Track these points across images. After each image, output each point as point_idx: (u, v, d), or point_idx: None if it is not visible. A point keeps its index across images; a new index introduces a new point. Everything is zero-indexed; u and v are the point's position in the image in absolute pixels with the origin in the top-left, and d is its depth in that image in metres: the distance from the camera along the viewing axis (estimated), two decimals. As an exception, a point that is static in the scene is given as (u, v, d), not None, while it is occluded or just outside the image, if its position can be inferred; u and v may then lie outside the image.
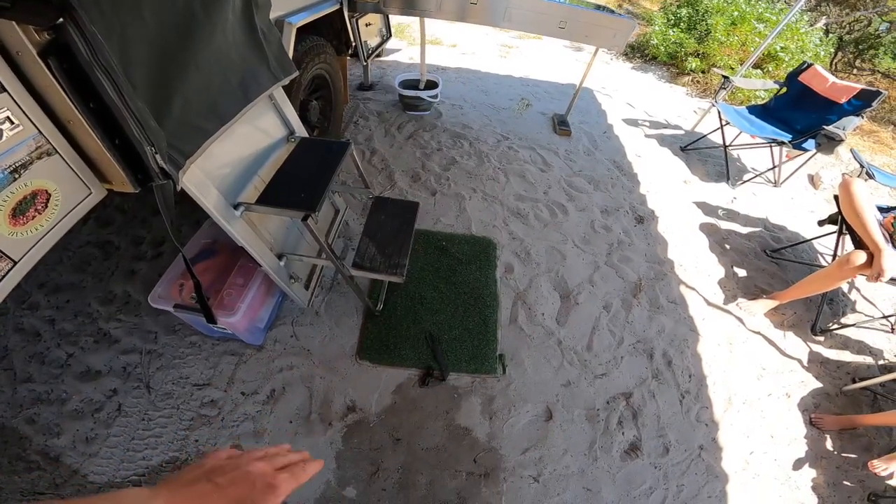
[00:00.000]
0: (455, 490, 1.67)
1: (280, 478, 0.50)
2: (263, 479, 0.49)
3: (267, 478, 0.49)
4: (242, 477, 0.48)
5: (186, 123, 1.25)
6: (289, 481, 0.51)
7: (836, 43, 6.67)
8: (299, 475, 0.53)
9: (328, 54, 2.59)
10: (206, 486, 0.45)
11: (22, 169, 0.99)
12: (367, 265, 1.79)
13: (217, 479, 0.46)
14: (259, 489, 0.47)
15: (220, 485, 0.46)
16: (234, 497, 0.45)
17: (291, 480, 0.51)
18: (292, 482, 0.51)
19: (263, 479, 0.49)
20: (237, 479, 0.47)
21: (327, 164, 1.72)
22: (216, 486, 0.45)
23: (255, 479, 0.48)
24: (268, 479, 0.49)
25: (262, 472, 0.49)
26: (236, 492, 0.46)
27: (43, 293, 2.08)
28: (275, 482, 0.49)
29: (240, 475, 0.48)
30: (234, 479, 0.47)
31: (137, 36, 1.06)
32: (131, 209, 2.53)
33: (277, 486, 0.49)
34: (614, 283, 2.53)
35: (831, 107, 3.26)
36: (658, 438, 1.91)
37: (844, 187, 2.22)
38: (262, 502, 0.47)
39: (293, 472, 0.53)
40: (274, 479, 0.49)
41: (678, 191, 3.41)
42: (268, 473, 0.50)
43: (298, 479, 0.53)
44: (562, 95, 4.58)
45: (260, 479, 0.48)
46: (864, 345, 2.44)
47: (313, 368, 1.93)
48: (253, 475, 0.49)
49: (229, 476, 0.47)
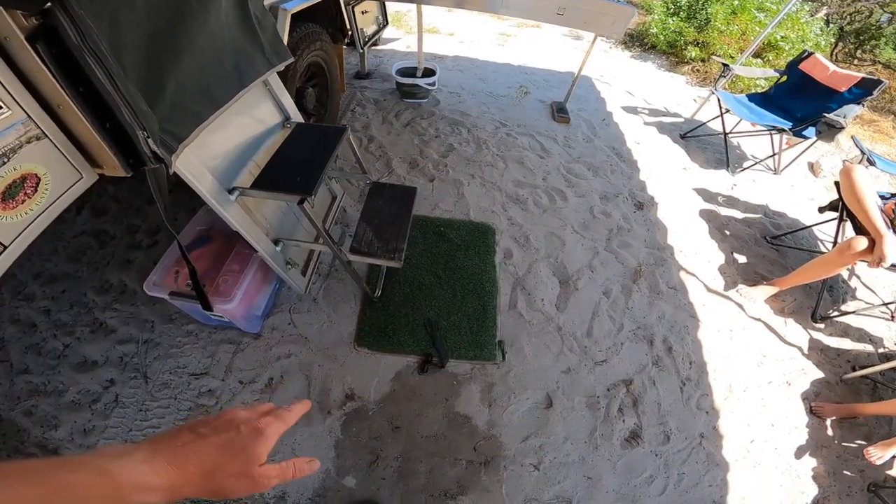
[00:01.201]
0: (455, 478, 1.67)
1: (265, 421, 0.49)
2: (248, 424, 0.48)
3: (251, 422, 0.48)
4: (225, 424, 0.47)
5: (179, 108, 1.23)
6: (275, 424, 0.50)
7: (836, 33, 6.63)
8: (286, 417, 0.52)
9: (324, 42, 2.55)
10: (188, 436, 0.44)
11: (11, 153, 0.97)
12: (365, 250, 1.77)
13: (200, 429, 0.45)
14: (245, 434, 0.46)
15: (203, 434, 0.45)
16: (218, 443, 0.44)
17: (278, 423, 0.50)
18: (279, 424, 0.50)
19: (248, 424, 0.48)
20: (220, 427, 0.46)
21: (324, 149, 1.69)
22: (199, 436, 0.44)
23: (240, 424, 0.47)
24: (253, 424, 0.48)
25: (246, 418, 0.49)
26: (220, 438, 0.45)
27: (38, 284, 2.07)
28: (260, 426, 0.48)
29: (222, 423, 0.47)
30: (216, 427, 0.46)
31: (128, 20, 1.04)
32: (126, 198, 2.50)
33: (263, 428, 0.48)
34: (614, 268, 2.52)
35: (832, 95, 3.25)
36: (659, 426, 1.90)
37: (846, 173, 2.20)
38: (250, 447, 0.46)
39: (278, 415, 0.52)
40: (259, 422, 0.49)
41: (678, 177, 3.40)
42: (252, 418, 0.49)
43: (286, 421, 0.52)
44: (560, 83, 4.54)
45: (245, 425, 0.47)
46: (864, 332, 2.44)
47: (311, 356, 1.92)
48: (237, 420, 0.48)
49: (212, 425, 0.46)
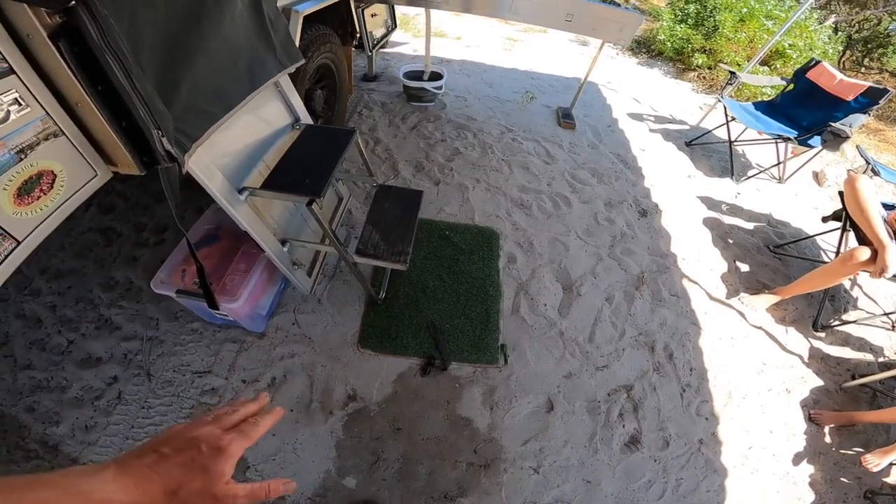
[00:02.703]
0: (455, 480, 1.68)
1: (227, 439, 0.49)
2: (210, 443, 0.48)
3: (213, 440, 0.48)
4: (188, 443, 0.48)
5: (193, 108, 1.25)
6: (238, 441, 0.50)
7: (844, 41, 6.62)
8: (250, 433, 0.52)
9: (334, 44, 2.57)
10: (152, 457, 0.45)
11: (28, 150, 0.99)
12: (371, 252, 1.78)
13: (163, 448, 0.46)
14: (206, 453, 0.47)
15: (166, 454, 0.46)
16: (179, 463, 0.45)
17: (242, 440, 0.50)
18: (243, 441, 0.50)
19: (210, 443, 0.48)
20: (182, 446, 0.47)
21: (332, 151, 1.71)
22: (161, 456, 0.45)
23: (201, 443, 0.47)
24: (214, 442, 0.48)
25: (207, 435, 0.49)
26: (181, 458, 0.46)
27: (44, 279, 2.08)
28: (222, 444, 0.48)
29: (185, 442, 0.48)
30: (178, 446, 0.47)
31: (147, 20, 1.06)
32: (134, 196, 2.52)
33: (225, 447, 0.48)
34: (617, 275, 2.53)
35: (838, 104, 3.25)
36: (658, 432, 1.91)
37: (850, 183, 2.21)
38: (212, 466, 0.46)
39: (243, 431, 0.52)
40: (221, 440, 0.49)
41: (682, 185, 3.40)
42: (214, 436, 0.49)
43: (250, 437, 0.52)
44: (566, 89, 4.55)
45: (206, 443, 0.48)
46: (864, 342, 2.44)
47: (314, 356, 1.93)
48: (199, 440, 0.48)
49: (174, 444, 0.47)
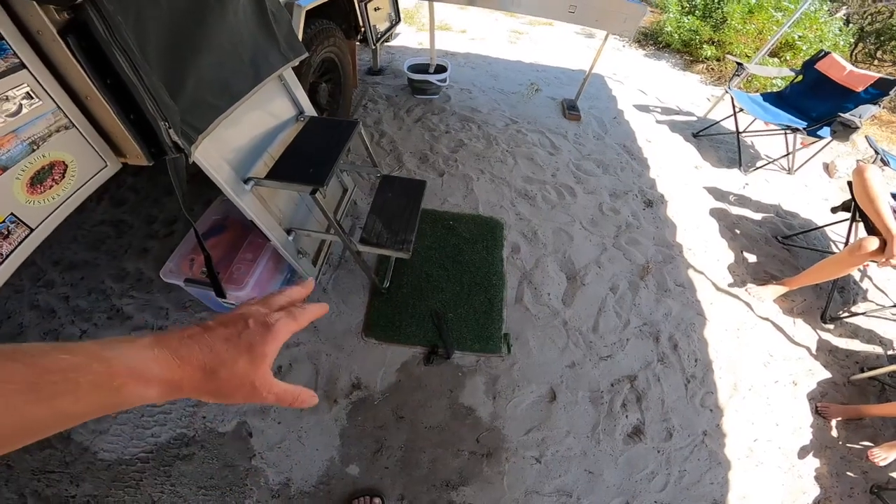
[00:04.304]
0: (457, 469, 1.69)
1: (275, 317, 0.46)
2: (257, 318, 0.45)
3: (261, 316, 0.45)
4: (235, 318, 0.44)
5: (199, 100, 1.28)
6: (286, 321, 0.46)
7: (856, 33, 6.50)
8: (298, 315, 0.49)
9: (337, 38, 2.59)
10: (195, 329, 0.42)
11: (41, 141, 1.03)
12: (374, 241, 1.80)
13: (209, 322, 0.43)
14: (253, 329, 0.43)
15: (210, 326, 0.42)
16: (225, 336, 0.42)
17: (289, 320, 0.47)
18: (290, 322, 0.47)
19: (257, 318, 0.45)
20: (229, 320, 0.44)
21: (336, 141, 1.73)
22: (205, 328, 0.42)
23: (249, 318, 0.44)
24: (262, 318, 0.45)
25: (255, 312, 0.46)
26: (227, 332, 0.42)
27: (58, 271, 2.13)
28: (269, 320, 0.45)
29: (232, 316, 0.45)
30: (225, 320, 0.44)
31: (153, 15, 1.09)
32: (144, 189, 2.57)
33: (272, 324, 0.45)
34: (621, 265, 2.53)
35: (848, 95, 3.21)
36: (662, 423, 1.91)
37: (858, 173, 2.18)
38: (258, 343, 0.42)
39: (292, 313, 0.48)
40: (269, 317, 0.45)
41: (689, 176, 3.38)
42: (262, 313, 0.46)
43: (297, 320, 0.48)
44: (572, 81, 4.53)
45: (254, 318, 0.44)
46: (873, 334, 2.41)
47: (319, 345, 1.96)
48: (247, 315, 0.45)
49: (221, 319, 0.44)
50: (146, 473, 1.57)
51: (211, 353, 0.40)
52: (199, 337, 0.40)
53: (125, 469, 1.58)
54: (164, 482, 1.56)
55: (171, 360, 0.37)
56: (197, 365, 0.38)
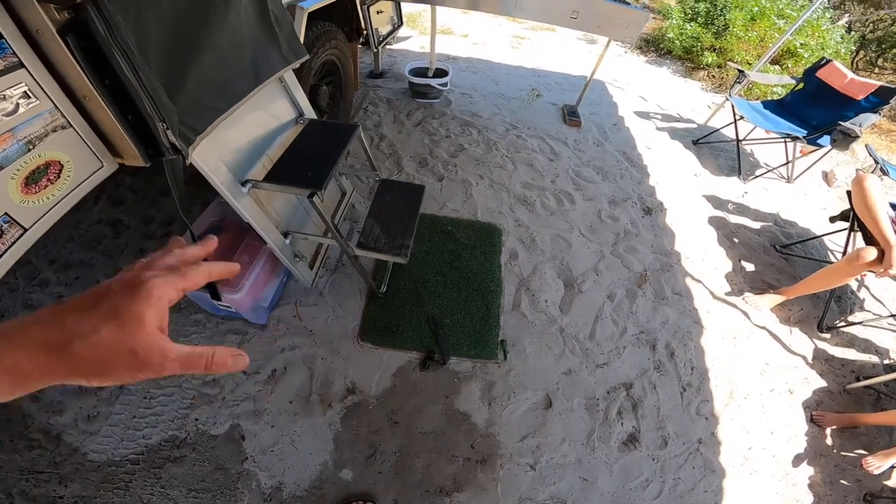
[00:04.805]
0: (451, 475, 1.68)
1: (148, 274, 0.37)
2: (125, 279, 0.37)
3: (130, 277, 0.37)
4: (97, 287, 0.37)
5: (198, 102, 1.27)
6: (167, 278, 0.38)
7: (858, 41, 6.53)
8: (188, 273, 0.40)
9: (339, 40, 2.59)
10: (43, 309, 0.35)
11: (37, 141, 1.01)
12: (372, 245, 1.80)
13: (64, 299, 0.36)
14: (117, 289, 0.36)
15: (63, 301, 0.36)
16: (77, 306, 0.35)
17: (173, 277, 0.38)
18: (175, 280, 0.39)
19: (125, 279, 0.37)
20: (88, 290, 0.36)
21: (335, 145, 1.73)
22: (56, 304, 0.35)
23: (113, 282, 0.37)
24: (130, 278, 0.37)
25: (124, 274, 0.38)
26: (80, 301, 0.35)
27: (53, 270, 2.12)
28: (138, 280, 0.37)
29: (96, 287, 0.37)
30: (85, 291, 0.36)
31: (153, 16, 1.08)
32: (142, 189, 2.56)
33: (143, 283, 0.36)
34: (619, 272, 2.52)
35: (848, 103, 3.22)
36: (657, 430, 1.90)
37: (857, 182, 2.19)
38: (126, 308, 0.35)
39: (177, 270, 0.40)
40: (138, 277, 0.37)
41: (688, 184, 3.38)
42: (132, 274, 0.38)
43: (187, 279, 0.40)
44: (573, 87, 4.54)
45: (120, 280, 0.37)
46: (870, 343, 2.42)
47: (315, 349, 1.95)
48: (112, 280, 0.37)
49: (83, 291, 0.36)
50: (136, 475, 1.56)
51: (59, 329, 0.33)
52: (42, 315, 0.34)
53: (115, 470, 1.56)
54: (154, 484, 1.54)
55: (4, 347, 0.32)
56: (38, 345, 0.33)
